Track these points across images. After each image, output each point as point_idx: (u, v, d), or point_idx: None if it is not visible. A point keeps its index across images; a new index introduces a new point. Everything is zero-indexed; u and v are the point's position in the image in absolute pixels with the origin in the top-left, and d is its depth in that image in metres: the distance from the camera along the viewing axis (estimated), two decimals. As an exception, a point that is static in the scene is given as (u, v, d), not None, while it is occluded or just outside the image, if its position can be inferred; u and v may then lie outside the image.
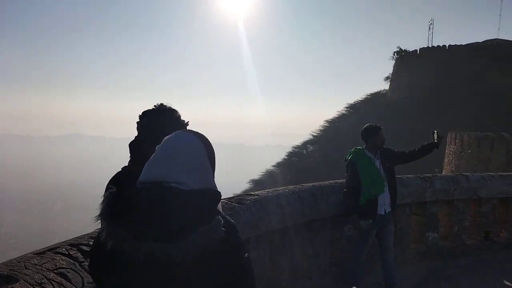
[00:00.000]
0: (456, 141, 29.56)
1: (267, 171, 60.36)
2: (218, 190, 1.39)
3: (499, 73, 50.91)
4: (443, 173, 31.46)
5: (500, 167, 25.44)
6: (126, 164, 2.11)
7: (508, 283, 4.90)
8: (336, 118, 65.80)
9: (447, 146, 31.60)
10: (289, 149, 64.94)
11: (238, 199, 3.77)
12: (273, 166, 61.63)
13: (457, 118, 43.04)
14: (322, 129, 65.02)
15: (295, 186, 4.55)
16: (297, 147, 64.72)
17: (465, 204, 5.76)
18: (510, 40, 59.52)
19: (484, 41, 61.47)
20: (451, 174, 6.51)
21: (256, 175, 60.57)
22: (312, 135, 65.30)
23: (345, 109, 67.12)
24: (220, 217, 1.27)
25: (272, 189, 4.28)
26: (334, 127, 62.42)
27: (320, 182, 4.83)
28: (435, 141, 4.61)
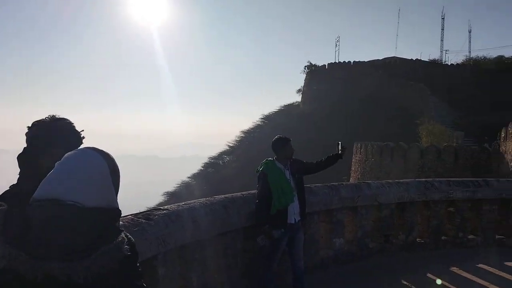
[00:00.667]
0: (361, 150, 31.70)
1: (182, 183, 59.41)
2: (119, 207, 1.37)
3: (395, 87, 55.92)
4: (350, 180, 33.51)
5: (400, 174, 27.78)
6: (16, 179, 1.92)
7: (405, 282, 5.30)
8: (252, 129, 67.09)
9: (353, 155, 33.76)
10: (205, 160, 64.65)
11: (145, 215, 3.62)
12: (189, 177, 60.87)
13: (362, 129, 46.23)
14: (238, 139, 65.83)
15: (206, 198, 4.50)
16: (213, 157, 64.72)
17: (367, 210, 6.15)
18: (405, 58, 65.79)
19: (383, 59, 67.28)
20: (355, 182, 6.92)
21: (170, 187, 59.29)
22: (228, 145, 65.77)
23: (260, 120, 68.70)
24: (124, 235, 1.26)
25: (182, 203, 4.19)
26: (250, 137, 63.55)
27: (232, 194, 4.84)
28: (339, 152, 4.88)
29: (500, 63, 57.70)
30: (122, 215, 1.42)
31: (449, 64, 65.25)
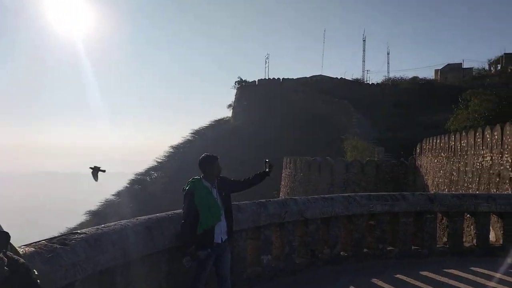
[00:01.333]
0: (290, 165, 32.49)
1: (106, 201, 56.79)
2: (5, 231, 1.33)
3: (322, 104, 58.35)
4: (280, 195, 34.12)
5: (327, 187, 28.82)
6: None
7: (330, 295, 5.44)
8: (182, 144, 66.13)
9: (283, 169, 34.49)
10: (132, 176, 62.44)
11: (61, 240, 3.37)
12: (113, 195, 58.36)
13: (291, 144, 47.44)
14: (167, 155, 64.46)
15: (128, 220, 4.31)
16: (140, 174, 62.73)
17: (294, 225, 6.26)
18: (330, 76, 69.08)
19: (311, 76, 70.13)
20: (283, 198, 7.01)
21: (93, 206, 56.37)
22: (157, 161, 64.14)
23: (190, 135, 67.99)
24: (3, 256, 1.22)
25: (102, 225, 3.97)
26: (179, 153, 62.54)
27: (157, 215, 4.69)
28: (267, 170, 4.93)
29: (415, 83, 62.68)
30: (37, 240, 1.39)
31: (370, 83, 69.66)
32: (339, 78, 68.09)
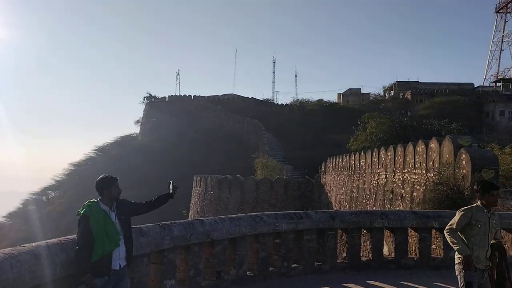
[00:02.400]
0: (201, 183, 32.18)
1: (-6, 224, 51.13)
2: None
3: (233, 122, 59.12)
4: (189, 214, 33.52)
5: (237, 205, 28.97)
6: None
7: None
8: (83, 161, 62.23)
9: (193, 188, 34.02)
10: (26, 196, 57.08)
11: None
12: (4, 216, 52.77)
13: (202, 162, 47.10)
14: (66, 173, 60.15)
15: (13, 248, 3.86)
16: (36, 193, 57.63)
17: (200, 247, 6.12)
18: (242, 96, 70.47)
19: (222, 95, 70.90)
20: (189, 220, 6.85)
21: (-22, 230, 50.39)
22: (55, 179, 59.50)
23: (93, 151, 64.31)
24: None
25: (-22, 256, 3.49)
26: (80, 170, 58.67)
27: (47, 241, 4.27)
28: (171, 191, 4.78)
29: (320, 105, 66.48)
30: None
31: (279, 104, 72.39)
32: (250, 97, 69.75)
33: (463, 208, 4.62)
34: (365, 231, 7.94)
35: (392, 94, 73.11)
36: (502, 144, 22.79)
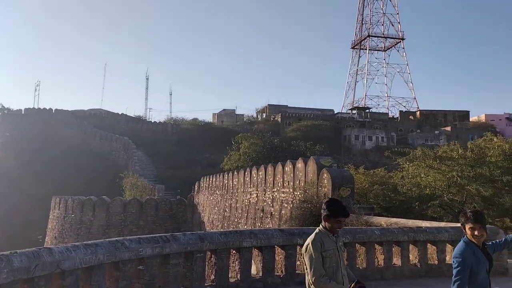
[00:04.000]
0: (60, 205, 29.14)
1: None
2: None
3: (100, 139, 55.54)
4: (46, 240, 30.00)
5: (101, 229, 26.83)
6: None
7: None
8: None
9: (51, 211, 30.62)
10: None
11: None
12: None
13: (64, 181, 42.95)
14: None
15: None
16: None
17: (47, 279, 5.27)
18: (111, 111, 66.79)
19: (89, 109, 66.25)
20: (34, 249, 5.89)
21: None
22: None
23: None
24: None
25: None
26: None
27: None
28: None
29: (195, 124, 66.52)
30: None
31: (152, 121, 70.47)
32: (120, 113, 66.53)
33: (308, 243, 3.52)
34: (234, 251, 7.80)
35: (264, 116, 76.88)
36: (357, 165, 25.28)
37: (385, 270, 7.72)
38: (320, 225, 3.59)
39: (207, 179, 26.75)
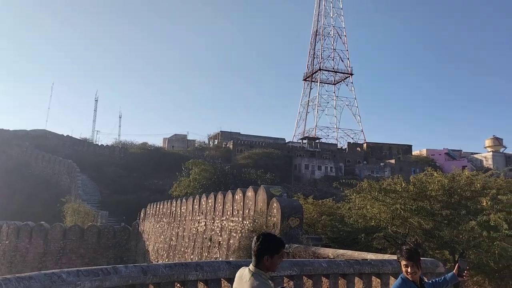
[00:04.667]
0: (-7, 231, 27.08)
1: None
2: None
3: (43, 161, 52.76)
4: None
5: (38, 258, 25.11)
6: None
7: None
8: None
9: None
10: None
11: None
12: None
13: (2, 206, 40.15)
14: None
15: None
16: None
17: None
18: (55, 133, 63.95)
19: (32, 130, 63.05)
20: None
21: None
22: None
23: None
24: None
25: None
26: None
27: None
28: None
29: (144, 148, 65.00)
30: None
31: (99, 144, 68.14)
32: (65, 135, 63.84)
33: None
34: (178, 284, 7.51)
35: (216, 142, 76.65)
36: (306, 194, 25.61)
37: (331, 303, 7.71)
38: (256, 268, 2.78)
39: (154, 206, 25.99)
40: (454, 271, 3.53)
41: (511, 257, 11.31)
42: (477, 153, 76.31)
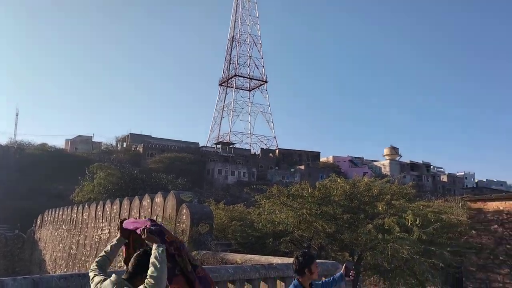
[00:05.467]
0: None
1: None
2: None
3: None
4: None
5: None
6: None
7: None
8: None
9: None
10: None
11: None
12: None
13: None
14: None
15: None
16: None
17: None
18: None
19: None
20: None
21: None
22: None
23: None
24: None
25: None
26: None
27: None
28: None
29: (43, 150, 60.08)
30: None
31: (-8, 144, 61.62)
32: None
33: None
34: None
35: (124, 145, 73.48)
36: (218, 199, 25.52)
37: (237, 309, 7.69)
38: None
39: (53, 212, 24.09)
40: (342, 271, 3.71)
41: (402, 258, 12.29)
42: (377, 161, 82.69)
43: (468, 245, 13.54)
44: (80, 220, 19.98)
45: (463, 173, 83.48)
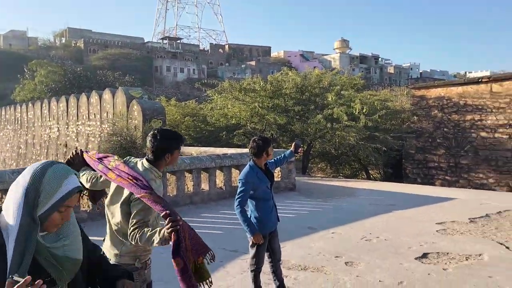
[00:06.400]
0: None
1: None
2: None
3: None
4: None
5: None
6: None
7: None
8: None
9: None
10: None
11: None
12: None
13: None
14: None
15: None
16: None
17: None
18: None
19: None
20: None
21: None
22: None
23: None
24: None
25: None
26: None
27: None
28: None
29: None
30: None
31: None
32: None
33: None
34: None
35: (63, 41, 68.45)
36: (169, 97, 25.20)
37: (194, 195, 8.11)
38: (150, 165, 2.47)
39: (-5, 113, 22.93)
40: (291, 148, 3.96)
41: (348, 144, 13.13)
42: (328, 55, 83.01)
43: (410, 130, 14.61)
44: (25, 119, 19.24)
45: (409, 64, 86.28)
